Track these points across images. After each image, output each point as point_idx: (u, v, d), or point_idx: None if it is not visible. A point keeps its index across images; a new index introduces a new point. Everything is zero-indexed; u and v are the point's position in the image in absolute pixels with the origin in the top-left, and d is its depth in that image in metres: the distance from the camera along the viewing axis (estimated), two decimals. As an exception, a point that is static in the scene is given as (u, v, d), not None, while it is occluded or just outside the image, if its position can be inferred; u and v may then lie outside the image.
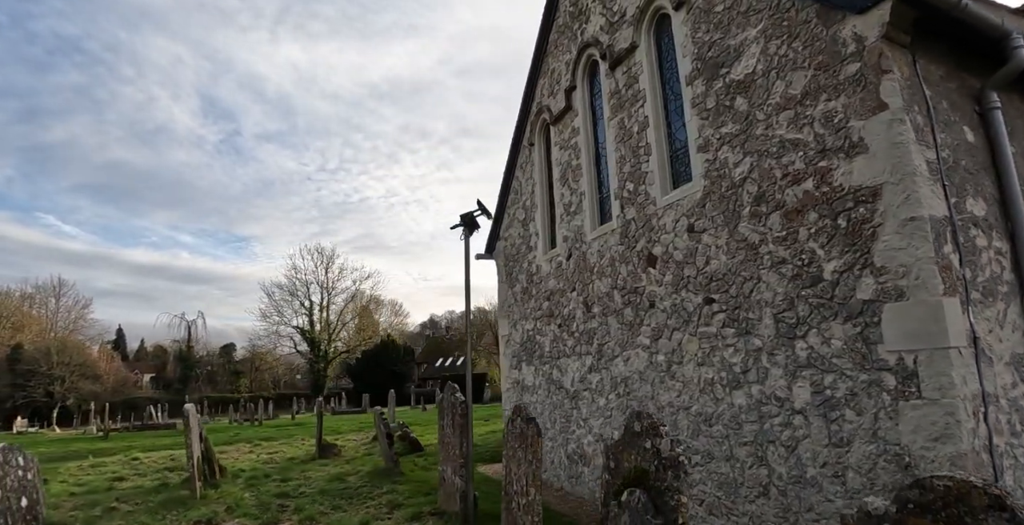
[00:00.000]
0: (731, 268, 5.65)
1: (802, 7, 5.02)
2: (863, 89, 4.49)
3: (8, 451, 4.54)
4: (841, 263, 4.58)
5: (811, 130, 4.89)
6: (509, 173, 11.03)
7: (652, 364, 6.74)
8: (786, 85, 5.15)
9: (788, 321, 5.02)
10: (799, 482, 4.82)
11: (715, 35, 6.00)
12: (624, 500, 3.66)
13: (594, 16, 8.30)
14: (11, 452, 4.58)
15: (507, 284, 10.99)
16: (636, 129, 7.25)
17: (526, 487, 4.94)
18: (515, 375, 10.42)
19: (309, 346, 47.54)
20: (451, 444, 6.50)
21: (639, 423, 3.86)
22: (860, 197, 4.47)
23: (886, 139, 4.30)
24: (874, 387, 4.30)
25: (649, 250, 6.87)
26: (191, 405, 8.51)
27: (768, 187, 5.29)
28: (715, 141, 5.93)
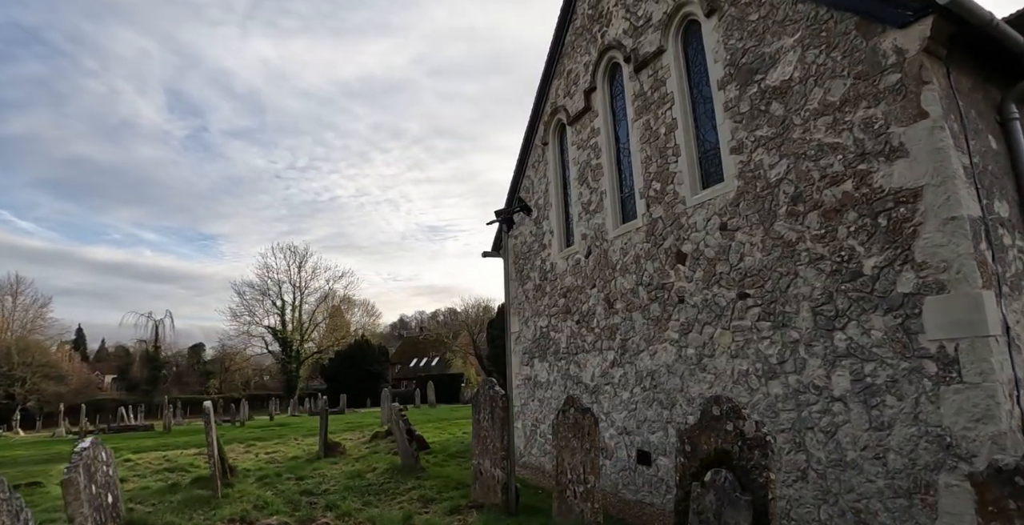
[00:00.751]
0: (767, 264, 5.95)
1: (841, 19, 5.35)
2: (903, 98, 4.82)
3: (96, 446, 4.43)
4: (882, 259, 4.91)
5: (850, 135, 5.22)
6: (519, 172, 11.20)
7: (681, 357, 7.00)
8: (824, 92, 5.47)
9: (827, 314, 5.34)
10: (839, 465, 5.14)
11: (749, 42, 6.30)
12: (708, 480, 3.88)
13: (616, 20, 8.55)
14: (98, 447, 4.47)
15: (517, 281, 11.15)
16: (663, 131, 7.52)
17: (584, 475, 5.13)
18: (527, 371, 10.59)
19: (281, 346, 46.64)
20: (489, 437, 6.63)
21: (718, 407, 4.10)
22: (901, 198, 4.80)
23: (928, 145, 4.64)
24: (915, 374, 4.63)
25: (678, 247, 7.14)
26: (209, 403, 8.39)
27: (805, 188, 5.60)
28: (749, 144, 6.23)
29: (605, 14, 8.83)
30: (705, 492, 3.90)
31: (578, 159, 9.40)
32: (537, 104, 10.60)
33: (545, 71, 10.34)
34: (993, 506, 2.37)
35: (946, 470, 4.39)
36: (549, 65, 10.25)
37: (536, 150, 10.71)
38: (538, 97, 10.56)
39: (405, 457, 8.75)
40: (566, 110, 9.74)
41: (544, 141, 10.39)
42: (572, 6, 9.67)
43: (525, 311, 10.76)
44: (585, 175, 9.19)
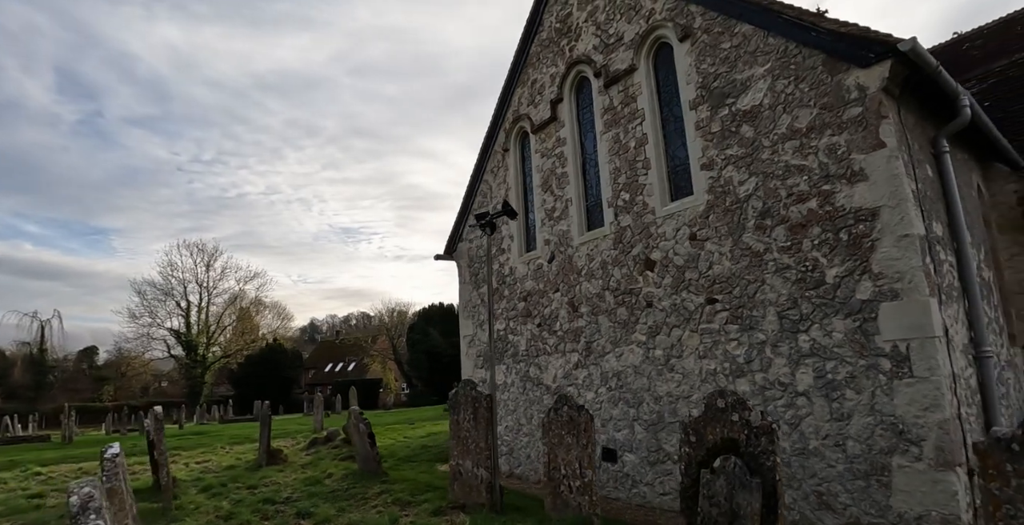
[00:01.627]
0: (735, 272, 6.51)
1: (809, 55, 6.00)
2: (864, 129, 5.51)
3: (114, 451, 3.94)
4: (843, 269, 5.56)
5: (816, 158, 5.86)
6: (476, 177, 11.31)
7: (649, 359, 7.44)
8: (792, 119, 6.10)
9: (792, 318, 5.94)
10: (803, 454, 5.72)
11: (721, 68, 6.87)
12: (718, 466, 4.23)
13: (586, 36, 8.95)
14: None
15: (471, 285, 11.23)
16: (633, 144, 7.97)
17: (581, 470, 5.35)
18: (481, 374, 10.68)
19: (185, 350, 43.14)
20: (471, 438, 6.68)
21: (723, 400, 4.47)
22: (860, 216, 5.47)
23: (885, 171, 5.34)
24: (872, 370, 5.29)
25: (647, 255, 7.59)
26: (159, 408, 7.75)
27: (773, 204, 6.20)
28: (720, 161, 6.79)
29: (574, 29, 9.20)
30: (715, 477, 4.25)
31: (542, 167, 9.69)
32: (498, 111, 10.78)
33: (508, 79, 10.55)
34: (993, 470, 2.86)
35: (899, 453, 5.05)
36: (512, 74, 10.47)
37: (495, 156, 10.89)
38: (499, 104, 10.75)
39: (366, 462, 8.54)
40: (530, 119, 10.00)
41: (505, 147, 10.58)
42: (539, 19, 9.97)
43: (480, 314, 10.86)
44: (549, 182, 9.48)
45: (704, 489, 4.31)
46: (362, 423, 8.61)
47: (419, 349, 32.59)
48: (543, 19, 9.93)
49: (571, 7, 9.31)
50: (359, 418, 8.70)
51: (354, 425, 8.79)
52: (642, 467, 7.36)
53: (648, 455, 7.32)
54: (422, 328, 33.84)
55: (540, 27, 9.99)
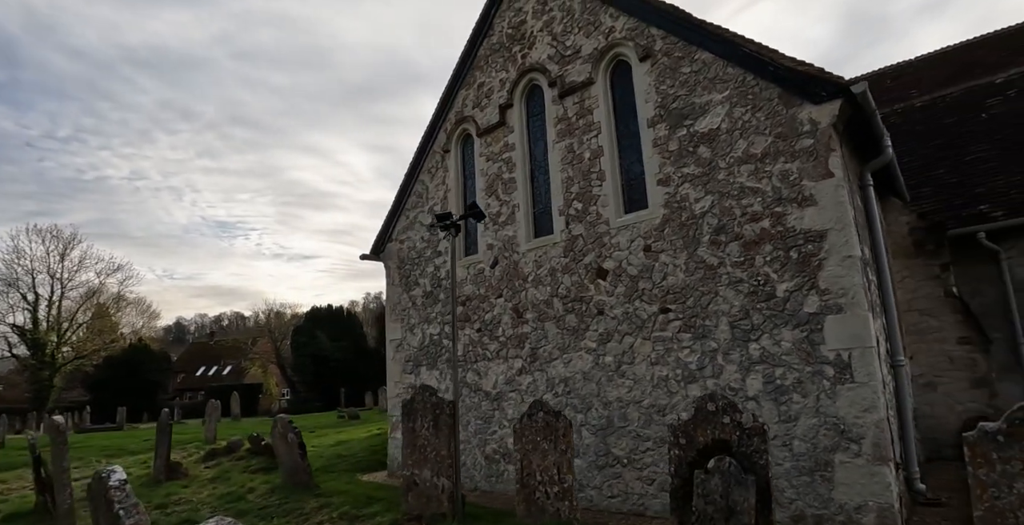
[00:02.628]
0: (689, 284, 6.90)
1: (766, 87, 6.56)
2: (815, 159, 6.12)
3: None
4: (792, 285, 6.12)
5: (770, 182, 6.41)
6: (411, 176, 10.95)
7: (599, 365, 7.63)
8: (748, 144, 6.62)
9: (743, 327, 6.41)
10: (751, 453, 6.17)
11: (680, 91, 7.29)
12: (713, 466, 4.43)
13: (541, 45, 9.05)
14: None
15: (401, 287, 10.82)
16: (588, 156, 8.17)
17: (560, 475, 5.35)
18: (410, 379, 10.30)
19: (31, 349, 36.72)
20: (430, 446, 6.40)
21: (713, 404, 4.70)
22: (810, 237, 6.06)
23: (833, 198, 5.96)
24: (817, 376, 5.86)
25: (599, 264, 7.80)
26: (60, 418, 6.48)
27: (728, 222, 6.67)
28: (676, 178, 7.18)
29: (528, 37, 9.27)
30: (711, 477, 4.45)
31: (487, 171, 9.61)
32: (439, 111, 10.54)
33: (452, 80, 10.36)
34: (981, 458, 3.31)
35: (840, 450, 5.63)
36: (457, 75, 10.30)
37: (434, 156, 10.62)
38: (441, 104, 10.52)
39: (294, 474, 7.82)
40: (475, 121, 9.89)
41: (446, 148, 10.37)
42: (490, 22, 9.92)
43: (411, 318, 10.49)
44: (495, 187, 9.43)
45: (699, 488, 4.49)
46: (291, 432, 7.92)
47: (304, 352, 30.69)
48: (494, 23, 9.90)
49: (525, 15, 9.38)
50: (287, 426, 7.99)
51: (280, 434, 8.05)
52: (590, 471, 7.51)
53: (596, 459, 7.48)
54: (309, 331, 31.89)
55: (491, 31, 9.94)
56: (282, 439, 8.00)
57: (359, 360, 31.65)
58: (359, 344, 32.94)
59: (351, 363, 30.99)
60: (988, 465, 3.29)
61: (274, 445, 8.21)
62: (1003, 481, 3.23)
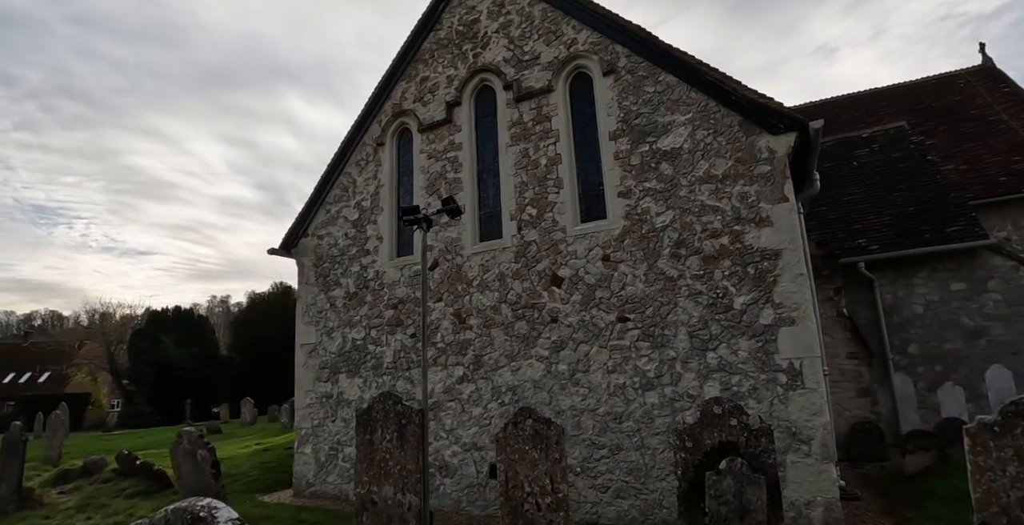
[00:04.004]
0: (648, 294, 7.12)
1: (727, 114, 7.05)
2: (772, 184, 6.70)
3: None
4: (749, 298, 6.59)
5: (729, 202, 6.87)
6: (334, 168, 10.07)
7: (551, 373, 7.55)
8: (710, 165, 7.05)
9: (702, 337, 6.76)
10: (707, 457, 6.48)
11: (643, 109, 7.57)
12: (724, 467, 4.56)
13: (496, 47, 8.88)
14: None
15: (317, 287, 9.84)
16: (544, 162, 8.14)
17: (553, 485, 5.15)
18: (325, 388, 9.35)
19: None
20: (392, 459, 5.79)
21: (719, 407, 4.86)
22: (766, 255, 6.59)
23: (787, 221, 6.55)
24: (771, 383, 6.35)
25: (554, 271, 7.77)
26: None
27: (688, 236, 7.03)
28: (638, 192, 7.41)
29: (481, 37, 9.05)
30: (722, 478, 4.56)
31: (428, 168, 9.15)
32: (374, 101, 9.85)
33: (391, 70, 9.76)
34: (980, 447, 3.79)
35: (792, 451, 6.12)
36: (397, 66, 9.73)
37: (364, 148, 9.88)
38: (376, 94, 9.84)
39: (209, 496, 6.61)
40: (416, 116, 9.39)
41: (380, 141, 9.69)
42: (438, 16, 9.52)
43: (329, 321, 9.57)
44: (437, 186, 9.00)
45: (711, 490, 4.58)
46: (203, 448, 6.71)
47: (145, 359, 26.51)
48: (443, 18, 9.52)
49: (479, 14, 9.16)
50: (197, 441, 6.75)
51: (187, 451, 6.78)
52: (538, 482, 7.35)
53: (546, 469, 7.35)
54: (152, 335, 27.61)
55: (438, 25, 9.54)
56: (189, 456, 6.75)
57: (209, 369, 28.14)
58: (210, 351, 29.29)
59: (199, 372, 27.40)
60: (985, 452, 3.78)
61: (177, 463, 6.90)
62: (998, 466, 3.74)
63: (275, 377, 28.01)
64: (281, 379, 28.22)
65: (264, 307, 29.94)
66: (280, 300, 30.61)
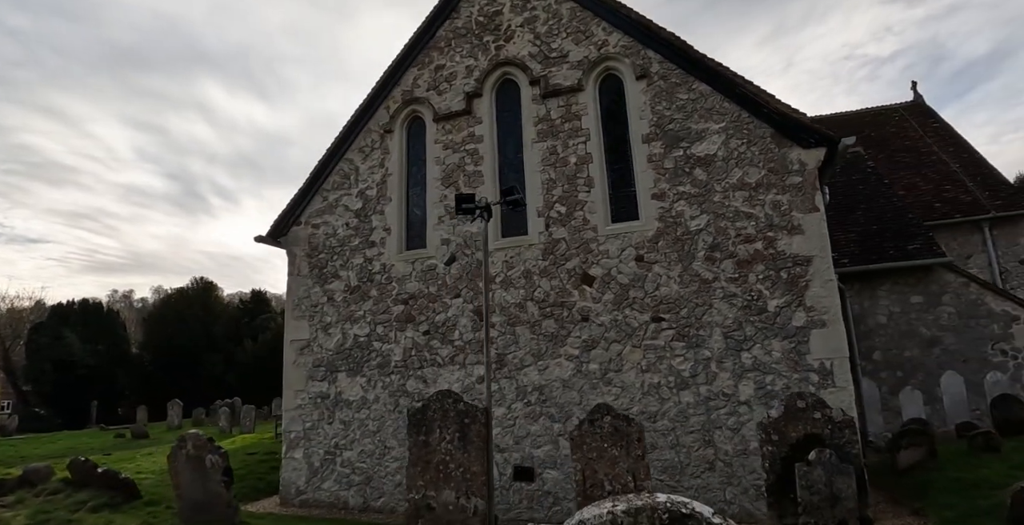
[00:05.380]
0: (683, 295, 7.29)
1: (759, 126, 7.39)
2: (803, 194, 7.09)
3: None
4: (782, 301, 6.92)
5: (762, 209, 7.20)
6: (333, 153, 9.46)
7: (581, 372, 7.50)
8: (743, 173, 7.35)
9: (736, 338, 7.01)
10: (743, 454, 6.72)
11: (677, 115, 7.77)
12: (814, 458, 4.74)
13: (520, 41, 8.76)
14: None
15: (311, 279, 9.17)
16: (574, 160, 8.11)
17: (636, 482, 5.12)
18: (320, 388, 8.70)
19: None
20: (453, 462, 5.47)
21: (803, 401, 5.06)
22: (797, 261, 6.96)
23: (818, 230, 6.96)
24: (803, 382, 6.69)
25: (585, 270, 7.75)
26: None
27: (723, 240, 7.28)
28: (672, 195, 7.58)
29: (504, 30, 8.89)
30: (812, 468, 4.73)
31: (444, 160, 8.83)
32: (382, 86, 9.37)
33: (402, 56, 9.33)
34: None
35: (825, 447, 6.48)
36: (409, 51, 9.32)
37: (369, 134, 9.36)
38: (385, 79, 9.37)
39: (209, 510, 5.84)
40: (431, 105, 9.04)
41: (388, 128, 9.23)
42: (455, 4, 9.24)
43: (326, 316, 8.94)
44: (455, 178, 8.71)
45: (802, 480, 4.74)
46: (213, 453, 5.99)
47: (44, 356, 23.23)
48: (460, 6, 9.26)
49: (501, 7, 9.00)
50: (206, 444, 6.02)
51: (191, 456, 6.01)
52: (567, 483, 7.27)
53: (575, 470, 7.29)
54: (54, 330, 24.25)
55: (455, 14, 9.26)
56: (193, 462, 6.00)
57: (118, 368, 25.23)
58: (119, 349, 26.28)
59: (107, 371, 24.49)
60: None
61: (176, 471, 6.09)
62: None
63: (192, 377, 25.75)
64: (198, 379, 26.02)
65: (181, 304, 27.44)
66: (199, 296, 28.22)
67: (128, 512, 7.40)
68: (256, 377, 23.19)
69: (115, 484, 7.84)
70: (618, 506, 1.61)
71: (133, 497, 7.75)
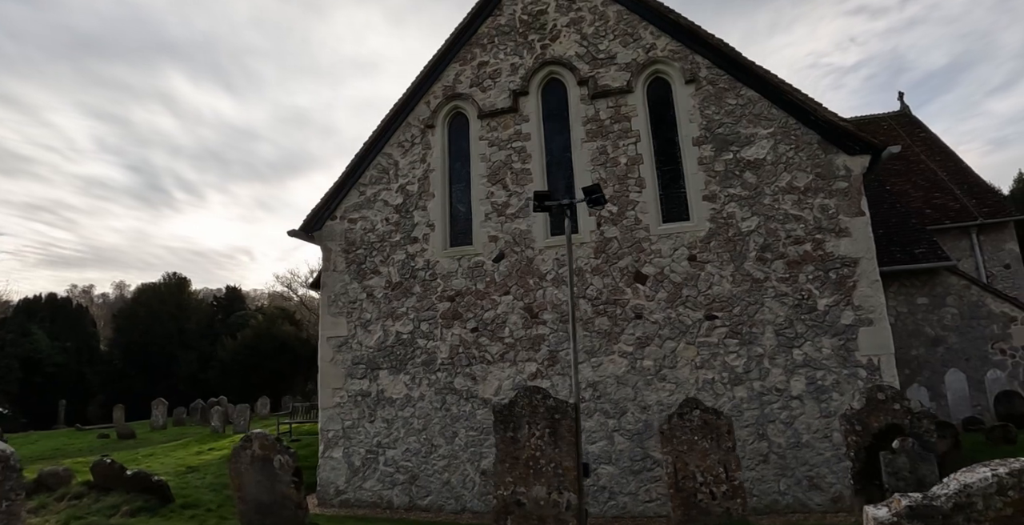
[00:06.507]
0: (736, 294, 7.53)
1: (806, 132, 7.71)
2: (849, 199, 7.44)
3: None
4: (831, 300, 7.25)
5: (811, 212, 7.51)
6: (371, 148, 9.33)
7: (635, 369, 7.65)
8: (792, 178, 7.65)
9: (788, 335, 7.30)
10: (796, 447, 7.01)
11: (726, 119, 8.01)
12: (898, 446, 5.02)
13: (567, 41, 8.84)
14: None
15: (349, 274, 9.01)
16: (625, 161, 8.26)
17: (727, 473, 5.30)
18: (360, 386, 8.57)
19: None
20: (543, 457, 5.52)
21: (882, 393, 5.35)
22: (845, 262, 7.30)
23: (864, 233, 7.32)
24: (852, 377, 7.03)
25: (638, 268, 7.91)
26: None
27: (773, 242, 7.56)
28: (723, 196, 7.82)
29: (550, 29, 8.96)
30: (897, 456, 5.00)
31: (489, 156, 8.83)
32: (422, 80, 9.29)
33: (443, 50, 9.28)
34: None
35: (875, 440, 6.83)
36: (450, 47, 9.28)
37: (409, 129, 9.26)
38: (425, 73, 9.29)
39: (274, 514, 5.66)
40: (475, 101, 9.03)
41: (429, 123, 9.16)
42: (497, 2, 9.25)
43: (365, 312, 8.80)
44: (501, 175, 8.72)
45: (888, 467, 5.01)
46: (283, 454, 5.83)
47: (10, 354, 21.71)
48: (503, 4, 9.27)
49: (546, 6, 9.06)
50: (272, 444, 5.85)
51: (257, 456, 5.82)
52: (623, 478, 7.42)
53: (631, 465, 7.45)
54: (21, 326, 22.68)
55: (498, 11, 9.27)
56: (258, 463, 5.82)
57: (87, 367, 23.90)
58: (88, 346, 24.88)
59: (75, 370, 23.16)
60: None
61: (238, 472, 5.89)
62: None
63: (166, 375, 24.74)
64: (172, 378, 25.02)
65: (153, 300, 26.24)
66: (173, 293, 27.09)
67: (169, 517, 7.15)
68: (238, 375, 22.48)
69: (148, 487, 7.55)
70: (999, 469, 1.75)
71: (167, 500, 7.47)
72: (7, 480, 3.83)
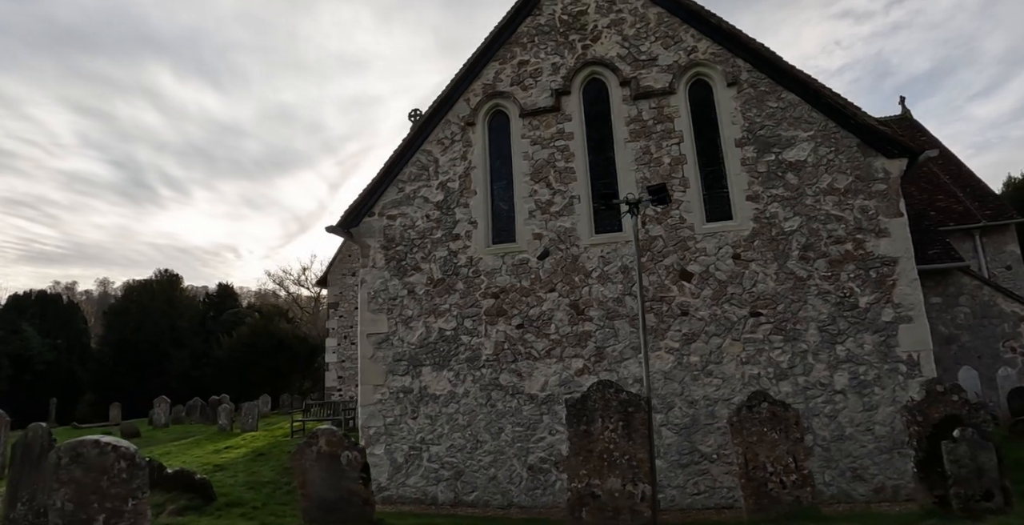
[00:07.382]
0: (779, 292, 7.75)
1: (846, 135, 7.96)
2: (887, 200, 7.71)
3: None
4: (872, 298, 7.51)
5: (852, 213, 7.77)
6: (410, 144, 9.34)
7: (681, 364, 7.83)
8: (832, 179, 7.90)
9: (831, 331, 7.54)
10: (840, 439, 7.25)
11: (767, 121, 8.23)
12: (958, 436, 5.27)
13: (608, 42, 8.97)
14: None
15: (389, 271, 9.01)
16: (668, 161, 8.42)
17: (797, 463, 5.49)
18: (403, 382, 8.58)
19: None
20: (617, 450, 5.62)
21: (941, 386, 5.60)
22: (885, 261, 7.57)
23: (902, 234, 7.60)
24: (893, 372, 7.30)
25: (683, 266, 8.08)
26: None
27: (815, 241, 7.79)
28: (766, 197, 8.03)
29: (591, 30, 9.07)
30: (958, 445, 5.24)
31: (532, 155, 8.91)
32: (462, 78, 9.32)
33: (483, 49, 9.33)
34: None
35: (917, 432, 7.10)
36: (490, 46, 9.33)
37: (449, 126, 9.29)
38: (465, 71, 9.33)
39: (342, 509, 5.66)
40: (516, 100, 9.09)
41: (470, 121, 9.20)
42: (536, 1, 9.33)
43: (406, 309, 8.81)
44: (544, 174, 8.81)
45: (949, 455, 5.25)
46: (350, 449, 5.84)
47: (0, 351, 20.92)
48: (542, 4, 9.36)
49: (586, 7, 9.18)
50: (339, 440, 5.85)
51: (324, 452, 5.81)
52: (671, 471, 7.58)
53: (679, 458, 7.61)
54: (11, 322, 21.91)
55: (538, 10, 9.36)
56: (326, 460, 5.81)
57: (78, 364, 23.25)
58: (80, 343, 24.20)
59: (66, 367, 22.51)
60: None
61: (303, 469, 5.87)
62: None
63: (158, 373, 24.23)
64: (164, 375, 24.52)
65: (145, 297, 25.66)
66: (164, 290, 26.53)
67: (219, 515, 7.08)
68: (235, 373, 22.15)
69: (191, 485, 7.47)
70: None
71: (210, 499, 7.40)
72: (134, 478, 3.80)
